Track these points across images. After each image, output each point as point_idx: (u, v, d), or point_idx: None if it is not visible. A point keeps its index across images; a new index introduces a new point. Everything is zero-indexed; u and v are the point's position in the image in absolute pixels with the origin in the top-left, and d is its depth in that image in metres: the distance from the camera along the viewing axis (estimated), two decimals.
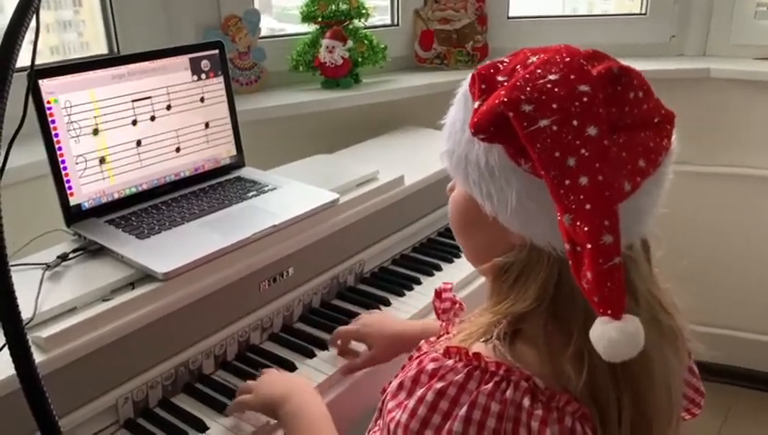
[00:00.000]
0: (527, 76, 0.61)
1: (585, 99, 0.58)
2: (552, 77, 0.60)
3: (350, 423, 1.04)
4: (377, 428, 0.74)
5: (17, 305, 0.59)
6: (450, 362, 0.64)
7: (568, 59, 0.61)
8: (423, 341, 0.83)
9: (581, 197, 0.56)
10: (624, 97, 0.61)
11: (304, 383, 0.96)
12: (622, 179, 0.59)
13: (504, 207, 0.63)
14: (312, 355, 1.09)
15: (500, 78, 0.64)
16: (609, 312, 0.55)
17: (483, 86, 0.64)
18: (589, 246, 0.55)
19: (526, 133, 0.58)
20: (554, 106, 0.58)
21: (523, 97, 0.59)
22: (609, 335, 0.55)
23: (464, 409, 0.61)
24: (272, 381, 0.96)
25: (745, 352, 2.16)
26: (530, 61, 0.64)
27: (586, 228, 0.55)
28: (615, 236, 0.55)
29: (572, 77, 0.60)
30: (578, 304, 0.62)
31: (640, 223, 0.63)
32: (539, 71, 0.61)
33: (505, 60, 0.67)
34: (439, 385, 0.62)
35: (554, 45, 0.65)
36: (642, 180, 0.61)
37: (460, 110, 0.67)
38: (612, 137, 0.59)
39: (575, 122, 0.58)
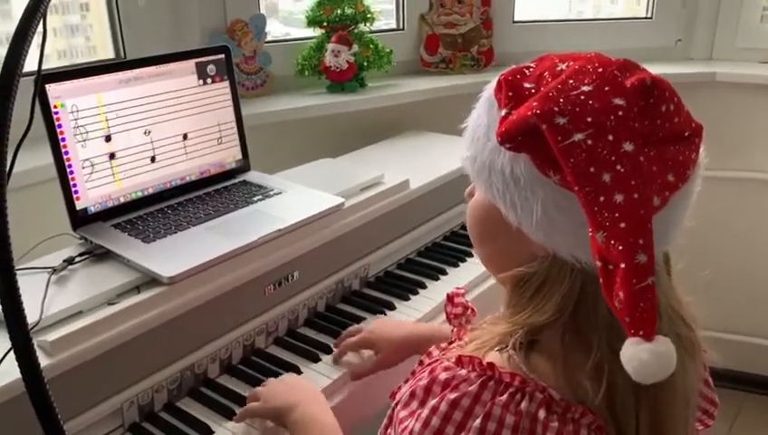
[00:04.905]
0: (559, 86, 0.59)
1: (620, 112, 0.57)
2: (585, 88, 0.58)
3: (356, 426, 1.04)
4: None
5: (23, 309, 0.59)
6: (463, 371, 0.63)
7: (600, 69, 0.60)
8: (434, 346, 0.82)
9: (616, 214, 0.54)
10: (656, 110, 0.59)
11: (313, 391, 0.95)
12: (652, 194, 0.57)
13: (528, 218, 0.61)
14: (316, 359, 1.08)
15: (527, 85, 0.62)
16: (641, 333, 0.54)
17: (510, 93, 0.62)
18: (623, 265, 0.54)
19: (560, 147, 0.56)
20: (589, 119, 0.56)
21: (556, 109, 0.57)
22: (641, 357, 0.54)
23: (478, 420, 0.60)
24: (281, 388, 0.95)
25: (753, 357, 2.15)
26: (559, 68, 0.62)
27: (620, 247, 0.54)
28: (649, 256, 0.54)
29: (607, 89, 0.58)
30: (599, 318, 0.61)
31: (666, 237, 0.61)
32: (571, 81, 0.59)
33: (531, 65, 0.65)
34: (453, 395, 0.61)
35: (583, 53, 0.64)
36: (671, 195, 0.59)
37: (484, 114, 0.65)
38: (644, 151, 0.57)
39: (610, 137, 0.56)
